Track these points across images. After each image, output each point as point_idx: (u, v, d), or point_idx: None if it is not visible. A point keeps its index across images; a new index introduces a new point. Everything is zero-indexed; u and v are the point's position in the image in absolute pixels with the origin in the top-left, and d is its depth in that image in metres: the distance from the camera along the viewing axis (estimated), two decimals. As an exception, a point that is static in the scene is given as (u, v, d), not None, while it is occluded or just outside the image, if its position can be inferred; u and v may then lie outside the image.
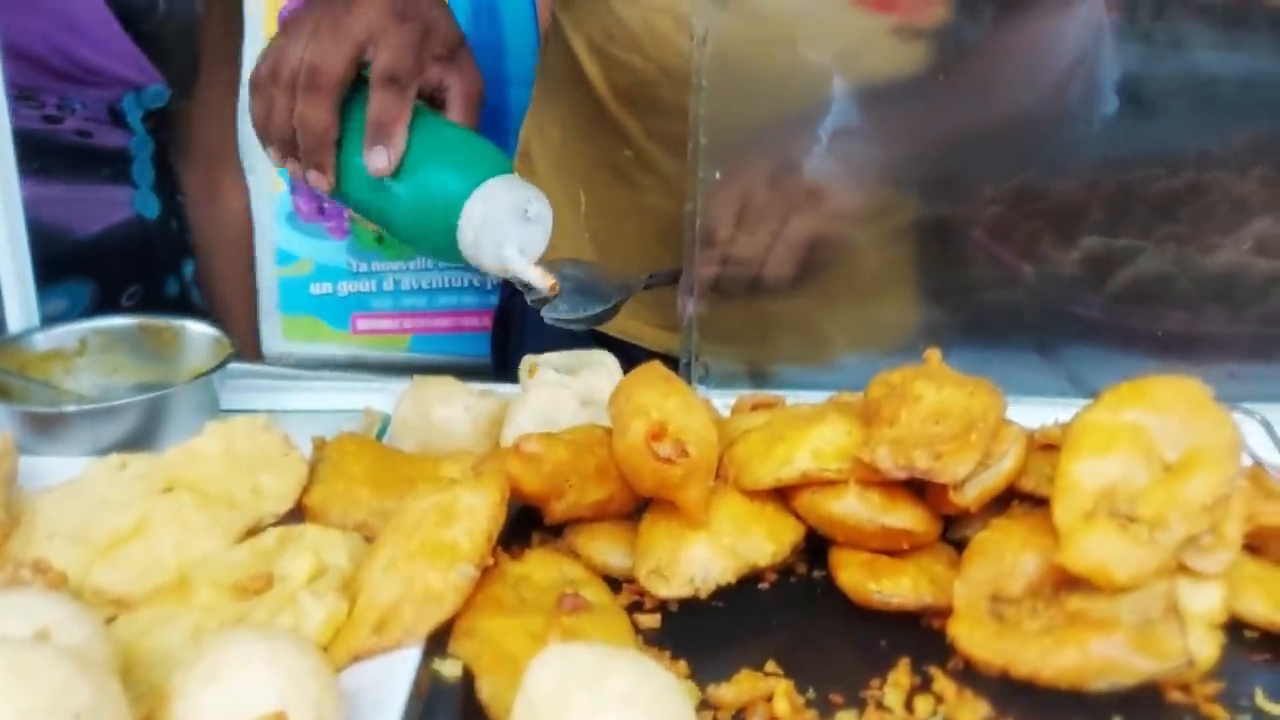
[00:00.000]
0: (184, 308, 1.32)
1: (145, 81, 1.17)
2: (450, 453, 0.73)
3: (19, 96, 1.06)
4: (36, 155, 1.06)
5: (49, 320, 0.89)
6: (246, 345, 1.47)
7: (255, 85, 0.80)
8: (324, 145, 0.78)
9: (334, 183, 0.79)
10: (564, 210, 1.20)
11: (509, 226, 0.77)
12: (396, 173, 0.76)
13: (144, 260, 1.24)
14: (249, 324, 1.51)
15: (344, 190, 0.81)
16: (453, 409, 0.76)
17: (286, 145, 0.80)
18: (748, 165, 0.93)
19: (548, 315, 0.89)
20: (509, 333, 1.30)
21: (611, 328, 1.13)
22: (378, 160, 0.75)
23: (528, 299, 0.90)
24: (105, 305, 1.17)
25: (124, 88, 1.16)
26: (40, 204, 1.08)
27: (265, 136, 0.81)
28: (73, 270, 1.14)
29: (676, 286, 0.94)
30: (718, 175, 0.86)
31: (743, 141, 0.90)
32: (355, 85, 0.78)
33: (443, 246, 0.78)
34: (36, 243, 1.08)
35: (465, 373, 0.90)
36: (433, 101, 0.83)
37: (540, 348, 0.89)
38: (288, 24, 0.80)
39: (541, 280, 0.78)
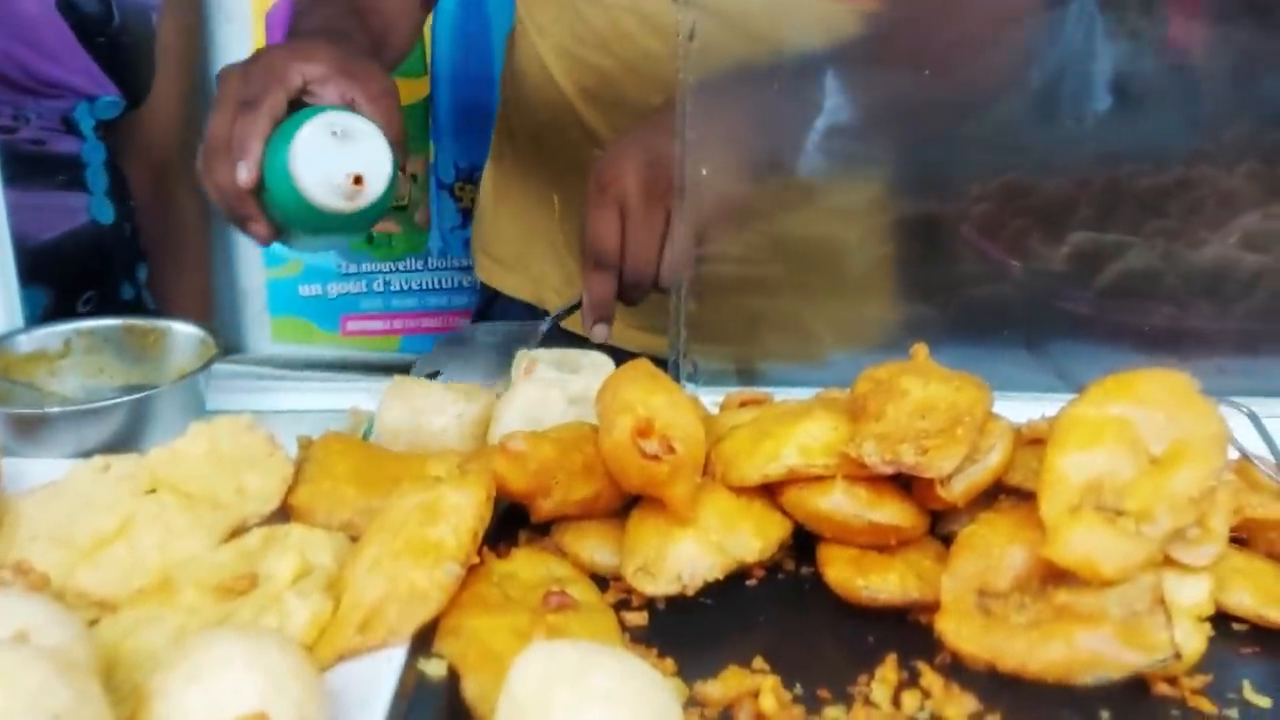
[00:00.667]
0: (138, 312, 1.33)
1: (99, 92, 1.18)
2: (437, 451, 0.73)
3: None
4: None
5: (32, 322, 0.89)
6: None
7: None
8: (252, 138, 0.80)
9: (255, 174, 0.79)
10: (537, 213, 1.20)
11: (330, 157, 0.77)
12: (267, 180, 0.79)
13: (99, 265, 1.25)
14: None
15: (267, 213, 0.83)
16: (445, 418, 0.76)
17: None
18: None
19: None
20: None
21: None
22: (241, 174, 0.79)
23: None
24: (61, 311, 1.17)
25: (78, 98, 1.16)
26: None
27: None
28: (29, 277, 1.14)
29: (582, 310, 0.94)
30: (705, 171, 0.86)
31: (729, 138, 0.90)
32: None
33: (318, 219, 0.79)
34: None
35: (455, 373, 0.91)
36: None
37: None
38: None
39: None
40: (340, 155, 0.77)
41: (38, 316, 1.13)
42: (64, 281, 1.20)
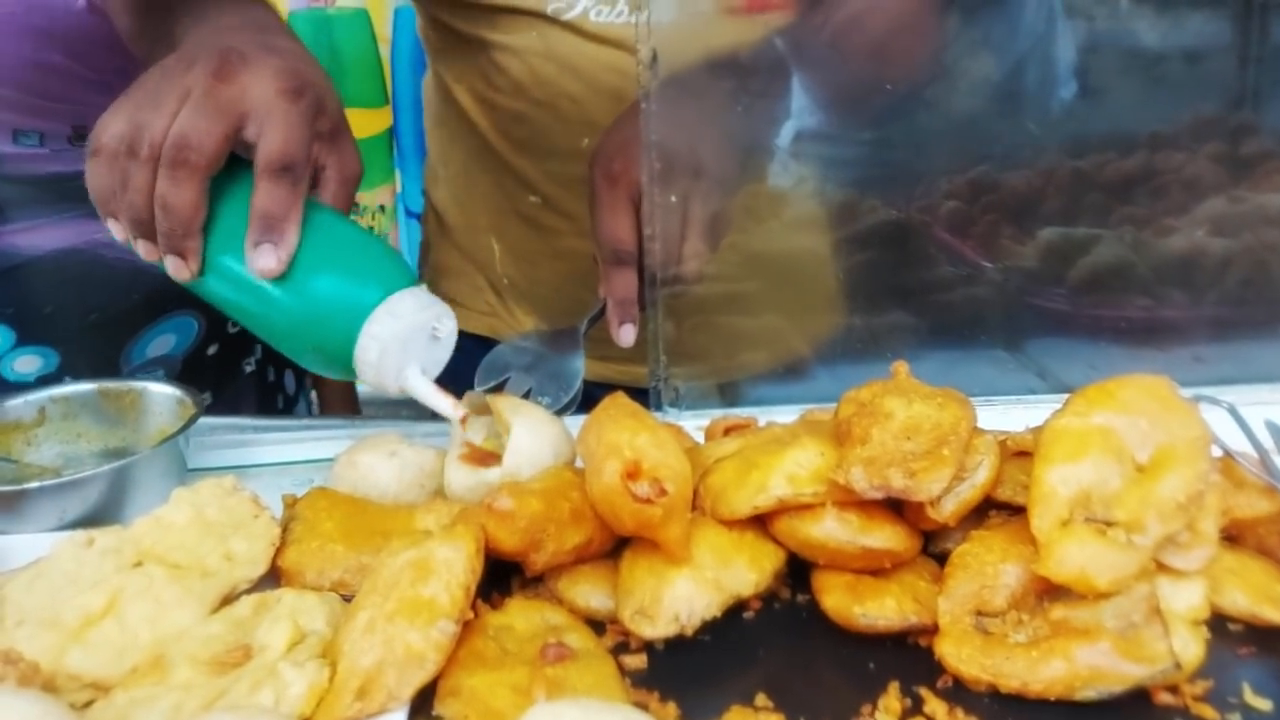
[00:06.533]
0: (248, 344, 1.26)
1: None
2: (425, 503, 0.72)
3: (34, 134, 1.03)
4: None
5: (144, 374, 0.87)
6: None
7: (100, 151, 0.69)
8: (189, 230, 0.68)
9: (196, 272, 0.70)
10: (478, 256, 1.19)
11: (415, 347, 0.70)
12: (283, 274, 0.68)
13: None
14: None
15: (206, 284, 0.72)
16: (386, 468, 0.75)
17: (140, 224, 0.70)
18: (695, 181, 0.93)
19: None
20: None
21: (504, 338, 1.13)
22: (265, 260, 0.67)
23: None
24: (212, 335, 1.14)
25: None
26: None
27: (110, 210, 0.71)
28: (175, 305, 1.11)
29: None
30: (673, 199, 0.85)
31: (695, 162, 0.90)
32: (226, 166, 0.70)
33: (330, 361, 0.70)
34: (139, 282, 1.07)
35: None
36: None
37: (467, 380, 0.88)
38: (146, 85, 0.70)
39: (452, 411, 0.72)
40: (419, 350, 0.70)
41: (190, 344, 1.11)
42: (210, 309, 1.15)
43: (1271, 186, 1.06)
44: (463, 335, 1.21)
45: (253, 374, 1.18)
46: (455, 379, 1.07)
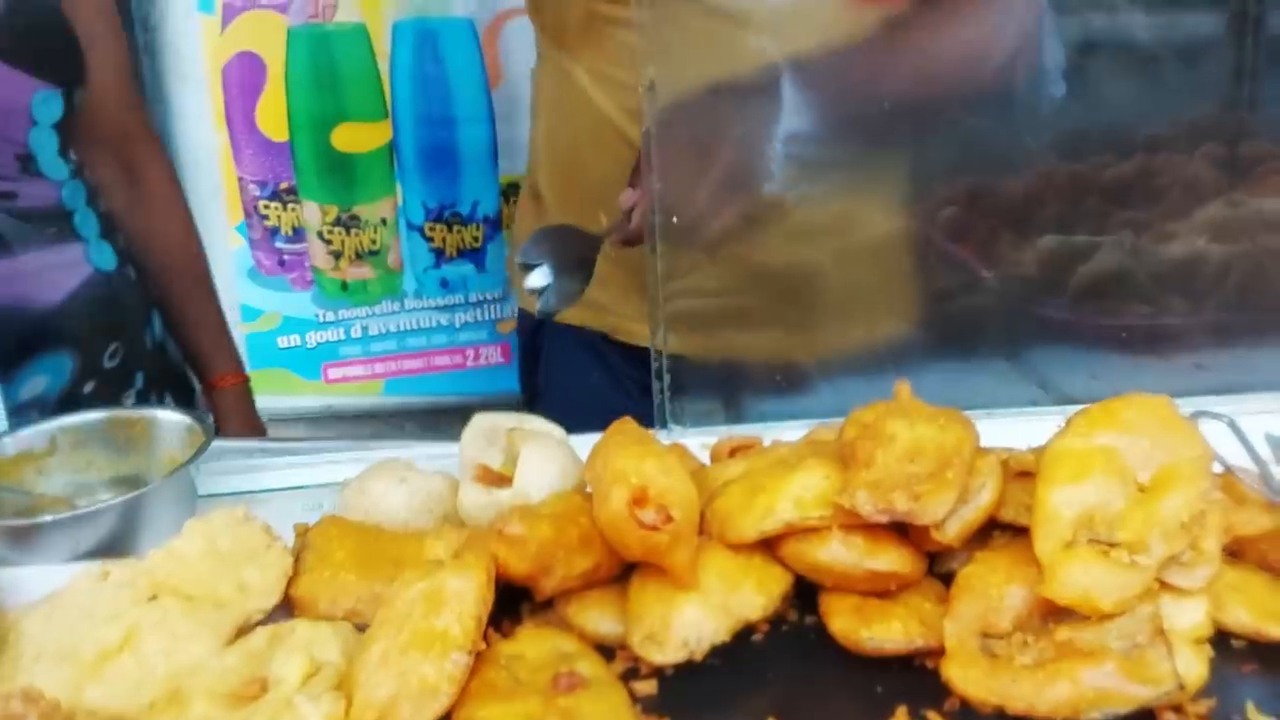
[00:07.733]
0: (165, 358, 1.26)
1: (21, 96, 1.03)
2: (435, 530, 0.73)
3: None
4: None
5: (17, 418, 0.88)
6: (223, 370, 1.32)
7: None
8: None
9: None
10: None
11: None
12: None
13: (115, 316, 1.17)
14: (220, 341, 1.33)
15: None
16: (396, 496, 0.76)
17: None
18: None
19: (540, 312, 0.95)
20: (536, 361, 1.30)
21: (610, 329, 1.16)
22: None
23: (526, 288, 0.95)
24: (87, 373, 1.11)
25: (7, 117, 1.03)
26: None
27: None
28: (46, 345, 1.09)
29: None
30: (675, 220, 0.86)
31: (699, 180, 0.91)
32: None
33: None
34: (3, 325, 1.04)
35: (444, 414, 0.90)
36: None
37: (566, 373, 0.90)
38: None
39: None
40: None
41: (65, 384, 1.09)
42: (84, 341, 1.12)
43: (1268, 190, 1.06)
44: (565, 329, 1.22)
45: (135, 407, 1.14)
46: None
